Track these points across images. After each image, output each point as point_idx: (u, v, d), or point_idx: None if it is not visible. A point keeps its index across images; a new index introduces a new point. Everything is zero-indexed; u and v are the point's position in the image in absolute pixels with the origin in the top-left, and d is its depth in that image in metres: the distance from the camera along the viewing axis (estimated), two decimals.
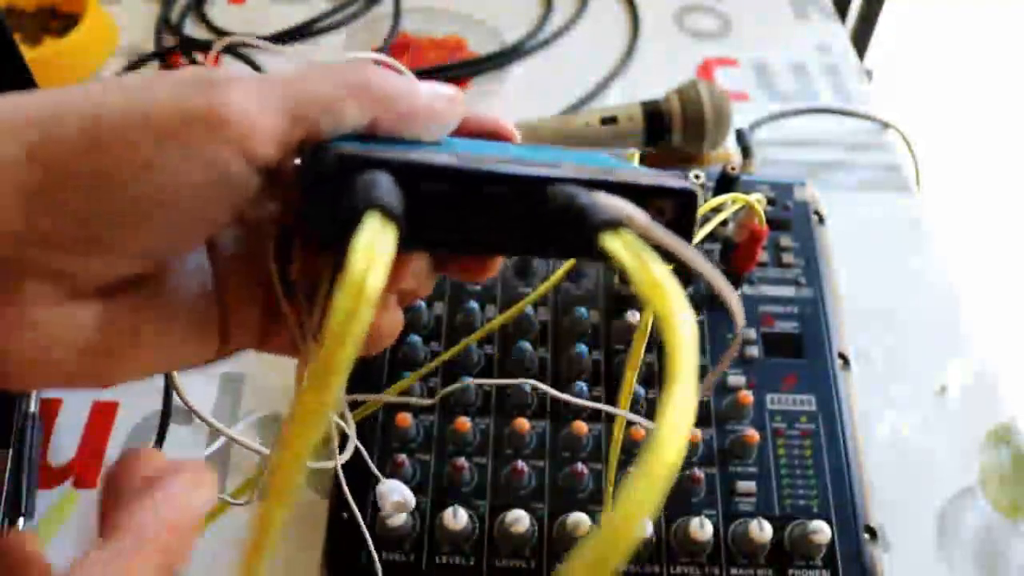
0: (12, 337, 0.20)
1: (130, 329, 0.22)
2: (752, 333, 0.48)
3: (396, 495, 0.38)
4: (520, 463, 0.42)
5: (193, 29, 0.74)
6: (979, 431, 0.51)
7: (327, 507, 0.44)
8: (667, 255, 0.18)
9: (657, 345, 0.47)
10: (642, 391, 0.45)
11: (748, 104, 0.69)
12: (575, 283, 0.49)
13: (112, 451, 0.49)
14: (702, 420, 0.45)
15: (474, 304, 0.47)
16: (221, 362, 0.25)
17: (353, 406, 0.45)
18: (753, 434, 0.43)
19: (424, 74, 0.71)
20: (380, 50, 0.72)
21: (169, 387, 0.49)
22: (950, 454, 0.50)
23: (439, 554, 0.41)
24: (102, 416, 0.50)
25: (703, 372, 0.46)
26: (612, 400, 0.45)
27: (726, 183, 0.51)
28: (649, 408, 0.45)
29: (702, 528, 0.40)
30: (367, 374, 0.45)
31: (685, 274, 0.51)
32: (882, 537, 0.46)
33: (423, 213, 0.20)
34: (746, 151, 0.61)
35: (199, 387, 0.50)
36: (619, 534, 0.13)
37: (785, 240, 0.52)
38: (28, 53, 0.64)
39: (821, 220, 0.53)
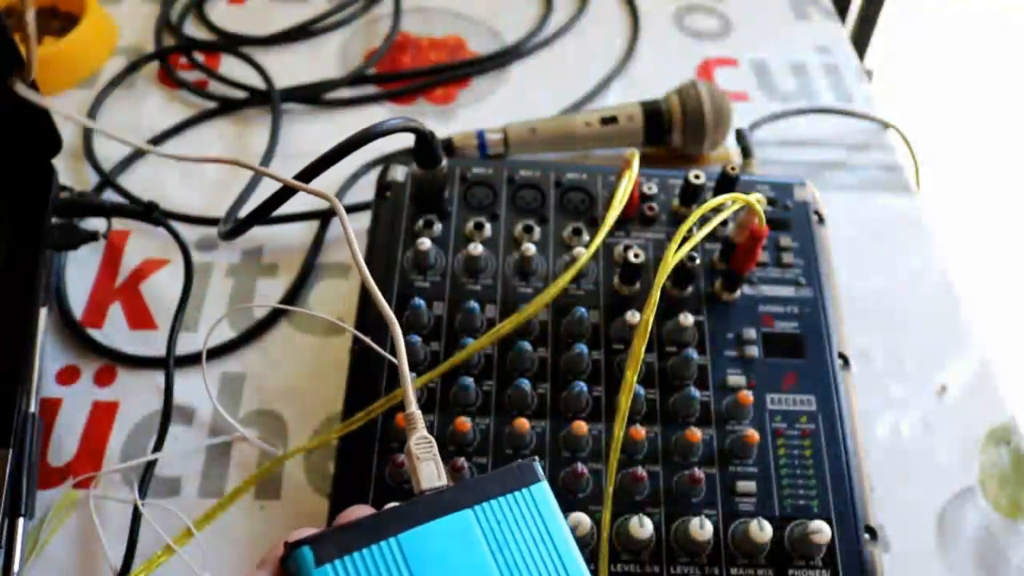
0: None
1: None
2: (752, 333, 0.48)
3: None
4: None
5: (193, 29, 0.74)
6: (979, 431, 0.51)
7: (327, 507, 0.44)
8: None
9: (657, 345, 0.47)
10: (642, 391, 0.45)
11: (748, 104, 0.69)
12: (575, 283, 0.49)
13: (112, 451, 0.49)
14: (702, 420, 0.45)
15: (474, 304, 0.47)
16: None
17: (350, 411, 0.45)
18: (753, 434, 0.43)
19: (424, 74, 0.71)
20: (380, 50, 0.72)
21: (169, 387, 0.49)
22: (950, 454, 0.50)
23: None
24: (102, 416, 0.50)
25: (703, 371, 0.46)
26: (612, 400, 0.45)
27: (726, 183, 0.51)
28: (649, 408, 0.45)
29: (702, 528, 0.40)
30: (366, 376, 0.45)
31: (684, 274, 0.51)
32: (882, 537, 0.46)
33: None
34: (746, 151, 0.61)
35: (199, 386, 0.50)
36: None
37: (785, 240, 0.52)
38: None
39: (821, 220, 0.53)
